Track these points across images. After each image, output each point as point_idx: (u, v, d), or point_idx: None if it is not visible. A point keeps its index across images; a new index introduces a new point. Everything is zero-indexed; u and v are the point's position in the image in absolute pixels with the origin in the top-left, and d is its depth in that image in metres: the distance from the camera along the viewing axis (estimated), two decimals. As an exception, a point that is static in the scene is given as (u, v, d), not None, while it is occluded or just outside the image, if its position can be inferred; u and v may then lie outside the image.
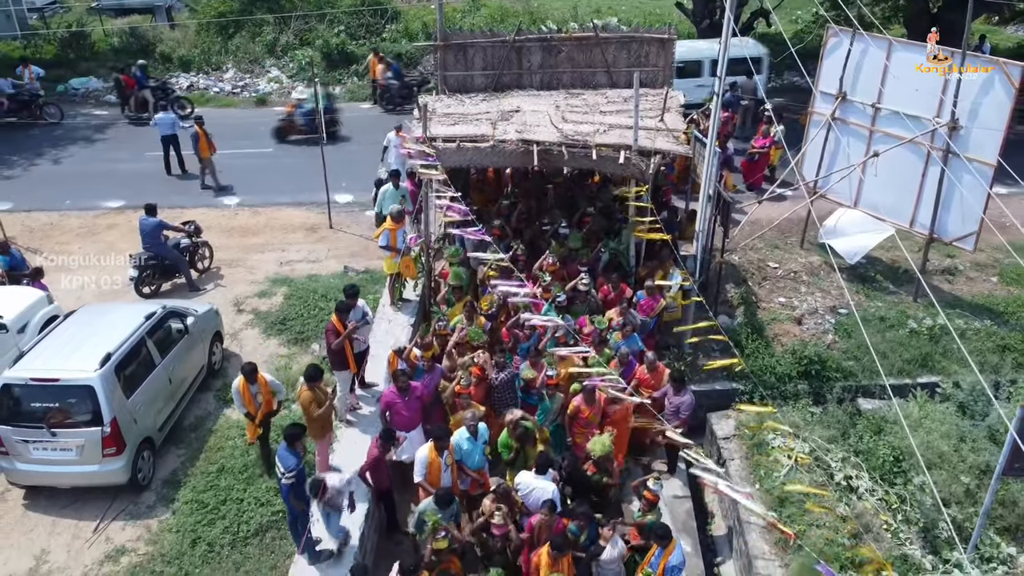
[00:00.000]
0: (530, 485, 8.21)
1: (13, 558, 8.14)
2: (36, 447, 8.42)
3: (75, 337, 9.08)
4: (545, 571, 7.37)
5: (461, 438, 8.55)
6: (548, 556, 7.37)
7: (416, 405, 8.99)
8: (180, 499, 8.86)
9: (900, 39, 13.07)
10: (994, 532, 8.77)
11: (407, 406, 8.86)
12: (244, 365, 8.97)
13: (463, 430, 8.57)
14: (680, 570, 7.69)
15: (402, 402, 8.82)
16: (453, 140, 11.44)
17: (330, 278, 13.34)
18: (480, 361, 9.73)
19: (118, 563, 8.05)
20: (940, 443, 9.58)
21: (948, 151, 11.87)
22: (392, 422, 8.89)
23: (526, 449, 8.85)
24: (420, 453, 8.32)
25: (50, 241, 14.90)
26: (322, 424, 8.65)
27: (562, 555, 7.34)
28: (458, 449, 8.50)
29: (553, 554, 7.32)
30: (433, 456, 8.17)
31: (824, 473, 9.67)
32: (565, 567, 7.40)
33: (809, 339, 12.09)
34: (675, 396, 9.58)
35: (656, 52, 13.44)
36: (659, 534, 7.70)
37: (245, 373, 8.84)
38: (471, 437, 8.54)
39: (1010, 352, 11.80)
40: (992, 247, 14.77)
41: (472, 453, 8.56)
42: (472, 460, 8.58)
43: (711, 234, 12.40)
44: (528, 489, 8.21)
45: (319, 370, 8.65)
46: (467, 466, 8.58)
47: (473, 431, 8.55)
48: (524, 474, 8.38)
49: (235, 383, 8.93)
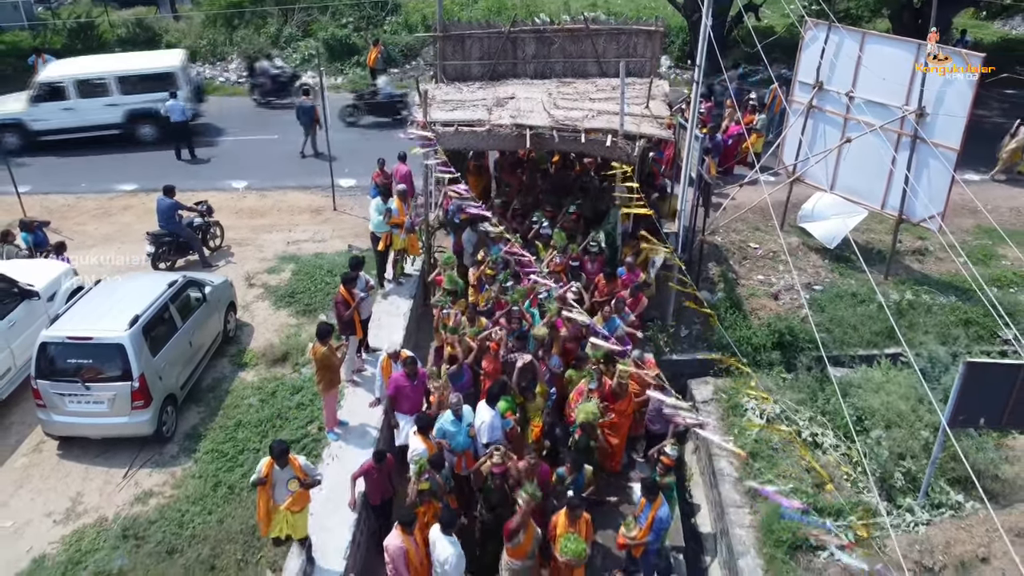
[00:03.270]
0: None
1: (52, 499, 8.97)
2: (71, 400, 9.24)
3: (104, 302, 9.91)
4: (562, 530, 7.78)
5: (445, 421, 8.93)
6: (565, 516, 7.78)
7: (422, 390, 9.55)
8: (201, 450, 9.68)
9: (872, 32, 13.83)
10: (945, 483, 9.59)
11: (415, 391, 9.39)
12: (274, 445, 7.51)
13: (448, 413, 8.95)
14: (667, 523, 8.39)
15: (410, 386, 9.35)
16: (451, 125, 12.23)
17: (335, 256, 14.12)
18: (497, 338, 10.24)
19: (147, 504, 8.88)
20: (899, 403, 10.43)
21: (916, 137, 12.66)
22: (398, 406, 9.46)
23: (527, 403, 9.62)
24: (414, 442, 8.66)
25: (68, 222, 15.66)
26: (331, 378, 9.35)
27: (578, 515, 7.76)
28: (441, 431, 8.87)
29: (570, 514, 7.73)
30: (429, 444, 8.58)
31: (793, 431, 10.50)
32: (583, 528, 7.85)
33: (784, 313, 12.92)
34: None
35: (644, 43, 14.23)
36: (648, 488, 8.36)
37: (275, 455, 7.47)
38: (455, 420, 8.91)
39: (972, 325, 12.65)
40: (961, 230, 15.65)
41: (456, 435, 8.90)
42: (456, 442, 8.90)
43: (694, 215, 13.24)
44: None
45: (330, 328, 9.34)
46: (452, 447, 8.88)
47: (457, 414, 8.92)
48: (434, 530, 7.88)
49: (260, 466, 7.60)
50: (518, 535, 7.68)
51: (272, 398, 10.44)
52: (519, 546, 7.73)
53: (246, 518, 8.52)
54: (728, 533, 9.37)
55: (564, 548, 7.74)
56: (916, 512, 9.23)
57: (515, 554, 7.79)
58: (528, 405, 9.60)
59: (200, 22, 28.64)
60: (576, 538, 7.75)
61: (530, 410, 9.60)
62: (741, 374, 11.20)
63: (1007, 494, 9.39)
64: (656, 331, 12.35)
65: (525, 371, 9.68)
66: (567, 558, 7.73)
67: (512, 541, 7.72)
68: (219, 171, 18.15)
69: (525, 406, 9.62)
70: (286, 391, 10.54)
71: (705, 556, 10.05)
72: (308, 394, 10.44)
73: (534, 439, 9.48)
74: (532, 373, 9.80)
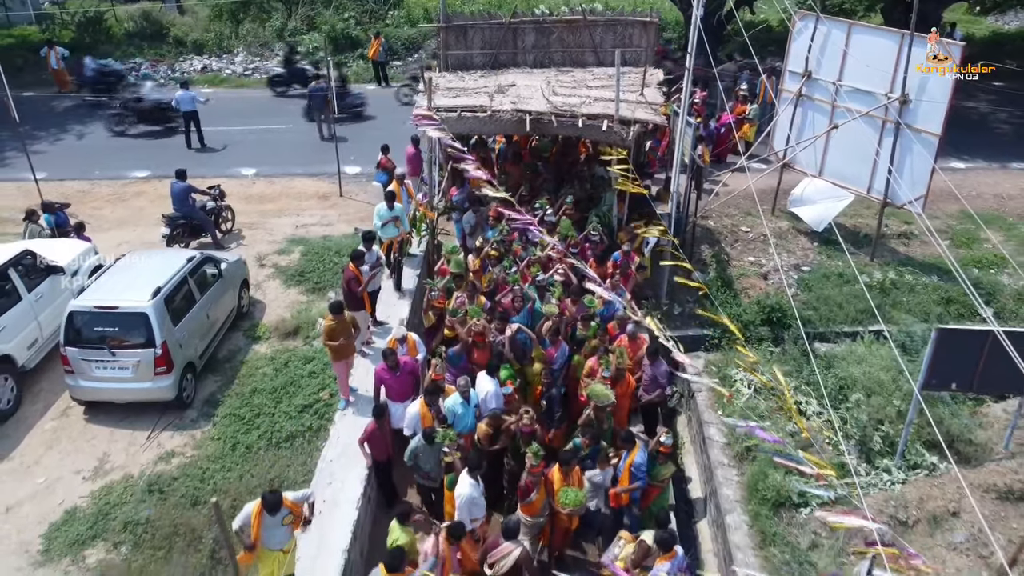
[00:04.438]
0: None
1: (80, 459, 9.55)
2: (98, 366, 9.81)
3: (127, 275, 10.50)
4: (559, 484, 8.33)
5: (455, 403, 9.18)
6: (559, 471, 8.36)
7: (407, 379, 9.69)
8: (219, 414, 10.26)
9: (859, 22, 14.38)
10: (922, 446, 10.17)
11: (398, 381, 9.58)
12: (266, 496, 6.94)
13: (456, 395, 9.22)
14: (642, 470, 8.85)
15: (392, 378, 9.55)
16: (454, 110, 12.79)
17: (342, 238, 14.68)
18: (479, 328, 10.45)
19: (169, 463, 9.46)
20: (880, 374, 11.00)
21: (899, 123, 13.22)
22: (387, 394, 9.70)
23: (525, 368, 10.16)
24: (411, 409, 9.19)
25: (84, 206, 16.21)
26: (343, 349, 9.83)
27: (570, 468, 8.34)
28: (451, 414, 9.14)
29: (564, 469, 8.32)
30: (424, 411, 9.04)
31: (778, 400, 11.07)
32: (576, 479, 8.41)
33: (773, 292, 13.49)
34: (651, 367, 10.38)
35: (639, 34, 14.80)
36: (624, 438, 9.00)
37: (268, 506, 6.89)
38: (464, 402, 9.21)
39: (953, 304, 13.22)
40: (946, 215, 16.23)
41: (464, 417, 9.21)
42: (464, 424, 9.22)
43: (687, 200, 13.80)
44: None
45: (341, 304, 9.85)
46: (458, 430, 9.09)
47: (466, 396, 9.21)
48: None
49: (247, 509, 7.03)
50: (531, 494, 8.24)
51: (285, 368, 11.02)
52: (531, 504, 8.28)
53: (263, 474, 9.10)
54: (716, 494, 9.94)
55: (564, 500, 8.30)
56: (893, 472, 9.79)
57: (529, 511, 8.30)
58: (527, 370, 10.13)
59: (205, 16, 29.21)
60: (573, 490, 8.34)
61: (529, 375, 10.13)
62: (731, 348, 11.77)
63: (979, 456, 9.95)
64: (650, 309, 12.91)
65: (516, 340, 10.17)
66: (569, 508, 8.30)
67: (525, 500, 8.28)
68: (228, 159, 18.74)
69: (524, 371, 10.14)
70: (298, 361, 11.11)
71: (695, 518, 10.64)
72: (319, 364, 11.01)
73: (534, 401, 10.02)
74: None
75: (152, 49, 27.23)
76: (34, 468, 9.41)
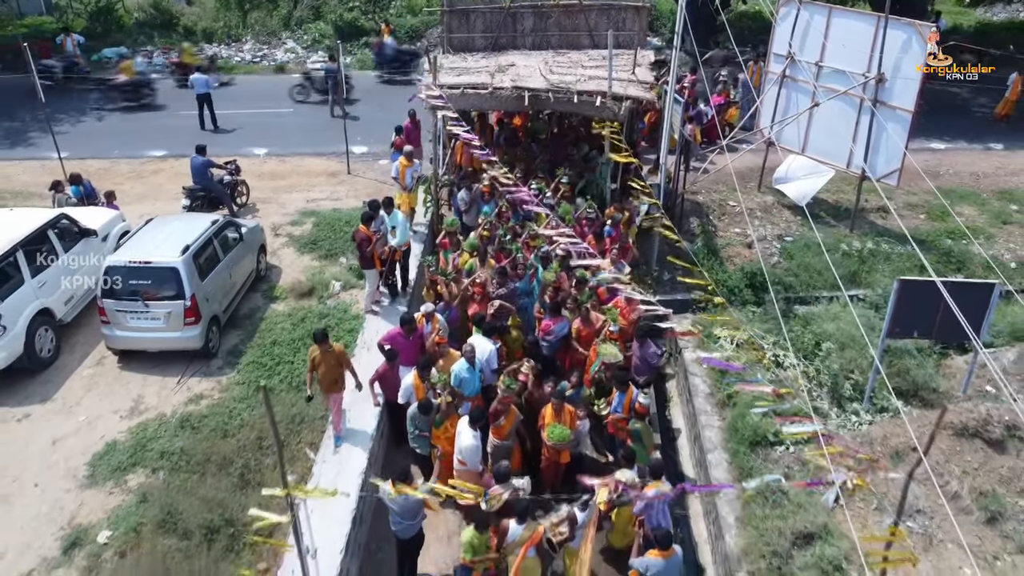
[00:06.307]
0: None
1: (116, 401, 10.43)
2: (132, 316, 10.69)
3: (158, 235, 11.39)
4: (549, 420, 9.20)
5: (461, 368, 9.60)
6: (551, 409, 9.20)
7: (418, 343, 10.14)
8: (243, 363, 11.14)
9: (838, 7, 15.21)
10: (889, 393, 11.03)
11: (410, 346, 10.00)
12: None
13: (462, 361, 9.64)
14: (634, 402, 9.60)
15: (405, 342, 9.97)
16: (457, 88, 13.65)
17: (351, 211, 15.52)
18: (481, 280, 11.28)
19: (199, 404, 10.34)
20: (852, 330, 11.87)
21: (876, 101, 14.07)
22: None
23: (506, 340, 10.80)
24: (406, 380, 9.47)
25: (105, 183, 16.94)
26: (328, 383, 9.31)
27: (561, 408, 9.16)
28: (457, 378, 9.56)
29: (555, 404, 9.15)
30: (417, 383, 9.36)
31: (758, 354, 11.95)
32: (567, 418, 9.22)
33: (757, 260, 14.35)
34: (639, 349, 10.68)
35: (632, 18, 15.67)
36: (619, 380, 9.87)
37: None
38: (470, 367, 9.63)
39: (925, 271, 14.05)
40: (924, 191, 17.09)
41: (471, 381, 9.66)
42: (471, 387, 9.67)
43: (677, 175, 14.67)
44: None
45: (326, 334, 9.32)
46: (465, 392, 9.57)
47: (471, 361, 9.62)
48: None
49: None
50: (499, 418, 9.16)
51: (302, 323, 11.89)
52: (500, 427, 9.21)
53: (286, 413, 9.97)
54: (700, 436, 10.81)
55: (551, 434, 9.22)
56: (861, 415, 10.69)
57: (497, 434, 9.23)
58: (506, 338, 10.78)
59: (213, 6, 30.02)
60: (561, 427, 9.24)
61: (508, 342, 10.84)
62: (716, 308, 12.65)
63: (941, 402, 10.83)
64: (641, 275, 13.79)
65: (498, 313, 10.84)
66: (553, 442, 9.23)
67: (495, 422, 9.19)
68: (241, 139, 19.62)
69: (505, 341, 10.78)
70: (314, 317, 11.99)
71: (680, 459, 11.52)
72: (333, 320, 11.91)
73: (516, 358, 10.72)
74: (506, 312, 10.94)
75: (163, 39, 28.05)
76: (75, 408, 10.29)
